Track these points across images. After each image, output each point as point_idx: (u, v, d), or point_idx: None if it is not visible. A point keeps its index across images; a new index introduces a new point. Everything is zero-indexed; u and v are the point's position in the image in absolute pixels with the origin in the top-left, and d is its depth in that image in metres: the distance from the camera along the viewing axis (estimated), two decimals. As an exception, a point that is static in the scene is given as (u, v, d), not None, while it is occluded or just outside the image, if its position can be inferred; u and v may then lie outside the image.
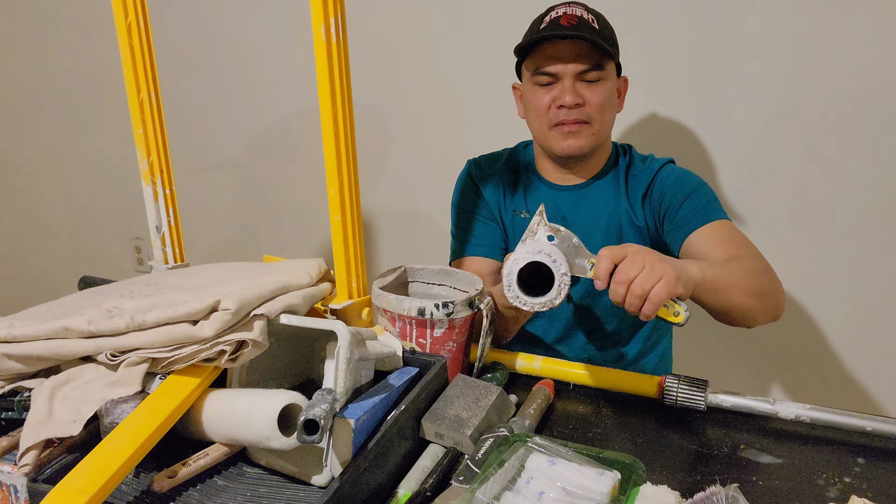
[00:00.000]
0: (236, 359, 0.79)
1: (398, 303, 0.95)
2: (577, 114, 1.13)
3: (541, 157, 1.25)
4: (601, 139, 1.18)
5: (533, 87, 1.16)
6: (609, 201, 1.21)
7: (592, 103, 1.13)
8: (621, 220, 1.20)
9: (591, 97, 1.13)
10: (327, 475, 0.72)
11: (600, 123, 1.15)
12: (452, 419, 0.84)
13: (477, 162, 1.32)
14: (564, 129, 1.14)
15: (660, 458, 0.84)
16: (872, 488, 0.78)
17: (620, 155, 1.24)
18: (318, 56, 0.88)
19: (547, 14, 1.15)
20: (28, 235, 2.52)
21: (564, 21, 1.11)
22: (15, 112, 2.36)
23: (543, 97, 1.14)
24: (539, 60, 1.14)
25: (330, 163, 0.92)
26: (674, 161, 1.23)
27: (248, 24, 1.93)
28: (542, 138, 1.19)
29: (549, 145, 1.18)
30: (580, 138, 1.15)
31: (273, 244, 2.15)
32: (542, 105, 1.15)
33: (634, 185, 1.21)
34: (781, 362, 1.65)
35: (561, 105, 1.12)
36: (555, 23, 1.12)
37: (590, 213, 1.21)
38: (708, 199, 1.14)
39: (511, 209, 1.26)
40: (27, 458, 0.72)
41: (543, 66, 1.13)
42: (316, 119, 0.91)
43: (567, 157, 1.18)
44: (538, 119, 1.17)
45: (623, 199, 1.20)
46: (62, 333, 0.80)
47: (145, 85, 1.09)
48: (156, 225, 1.14)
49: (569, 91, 1.12)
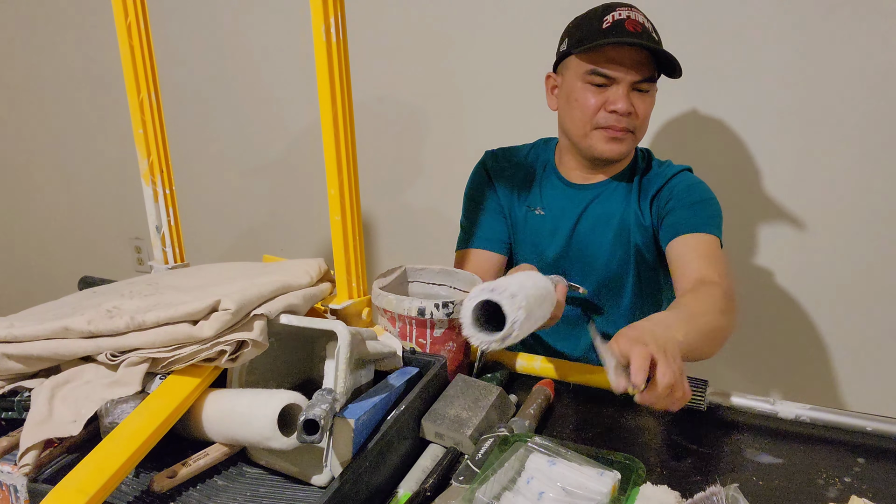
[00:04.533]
0: (236, 359, 0.79)
1: (398, 303, 0.95)
2: (626, 122, 1.12)
3: (566, 153, 1.23)
4: (636, 146, 1.19)
5: (583, 85, 1.13)
6: (621, 202, 1.21)
7: (641, 114, 1.13)
8: (630, 221, 1.20)
9: (640, 107, 1.12)
10: (327, 475, 0.72)
11: (641, 133, 1.16)
12: (452, 419, 0.84)
13: (494, 154, 1.31)
14: (610, 133, 1.13)
15: (660, 458, 0.84)
16: (872, 488, 0.78)
17: (640, 159, 1.24)
18: (318, 56, 0.88)
19: (607, 12, 1.11)
20: (28, 235, 2.52)
21: (630, 26, 1.08)
22: (15, 112, 2.36)
23: (593, 98, 1.12)
24: (599, 60, 1.10)
25: (330, 163, 0.92)
26: (691, 170, 1.22)
27: (249, 23, 1.93)
28: (580, 136, 1.16)
29: (587, 144, 1.16)
30: (623, 144, 1.14)
31: (273, 244, 2.14)
32: (590, 105, 1.12)
33: (646, 188, 1.20)
34: (781, 362, 1.65)
35: (613, 110, 1.11)
36: (619, 25, 1.08)
37: (603, 212, 1.21)
38: (709, 213, 1.14)
39: (525, 205, 1.26)
40: (27, 458, 0.72)
41: (603, 68, 1.10)
42: (316, 119, 0.91)
43: (603, 160, 1.18)
44: (581, 117, 1.14)
45: (634, 200, 1.20)
46: (62, 333, 0.80)
47: (145, 85, 1.09)
48: (156, 225, 1.14)
49: (623, 98, 1.10)
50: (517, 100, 1.71)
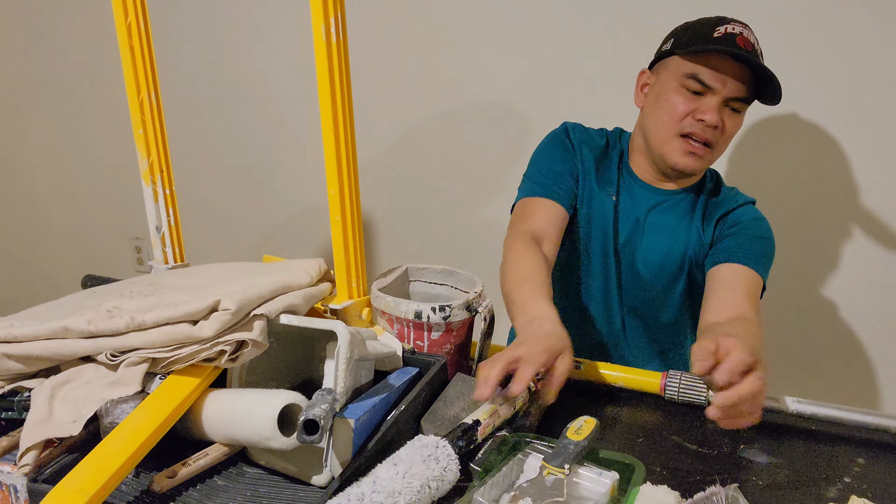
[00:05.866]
0: (236, 359, 0.79)
1: (395, 305, 0.95)
2: (711, 134, 1.09)
3: (639, 153, 1.21)
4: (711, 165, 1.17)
5: (677, 88, 1.10)
6: (685, 217, 1.19)
7: (727, 131, 1.10)
8: (692, 238, 1.18)
9: (728, 124, 1.10)
10: (327, 475, 0.72)
11: (720, 151, 1.13)
12: (452, 420, 0.84)
13: (576, 126, 1.26)
14: (690, 147, 1.11)
15: (660, 458, 0.84)
16: (872, 488, 0.78)
17: (708, 179, 1.22)
18: (318, 56, 0.88)
19: (721, 24, 1.08)
20: (28, 235, 2.52)
21: (741, 42, 1.06)
22: (15, 112, 2.36)
23: (684, 103, 1.10)
24: (701, 67, 1.07)
25: (330, 163, 0.92)
26: (755, 203, 1.21)
27: (249, 23, 1.93)
28: (661, 141, 1.13)
29: (664, 151, 1.13)
30: (699, 161, 1.12)
31: (273, 244, 2.14)
32: (679, 110, 1.10)
33: (712, 210, 1.19)
34: (782, 360, 1.65)
35: (701, 119, 1.08)
36: (730, 38, 1.06)
37: (665, 222, 1.19)
38: (766, 253, 1.12)
39: (604, 186, 1.21)
40: (27, 458, 0.72)
41: (704, 75, 1.07)
42: (316, 119, 0.91)
43: (675, 171, 1.15)
44: (667, 121, 1.12)
45: (698, 218, 1.19)
46: (62, 333, 0.80)
47: (145, 85, 1.09)
48: (156, 225, 1.14)
49: (715, 110, 1.07)
50: (517, 100, 1.71)
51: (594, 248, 1.22)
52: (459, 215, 1.85)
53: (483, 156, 1.78)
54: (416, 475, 0.69)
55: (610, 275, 1.22)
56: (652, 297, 1.22)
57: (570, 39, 1.62)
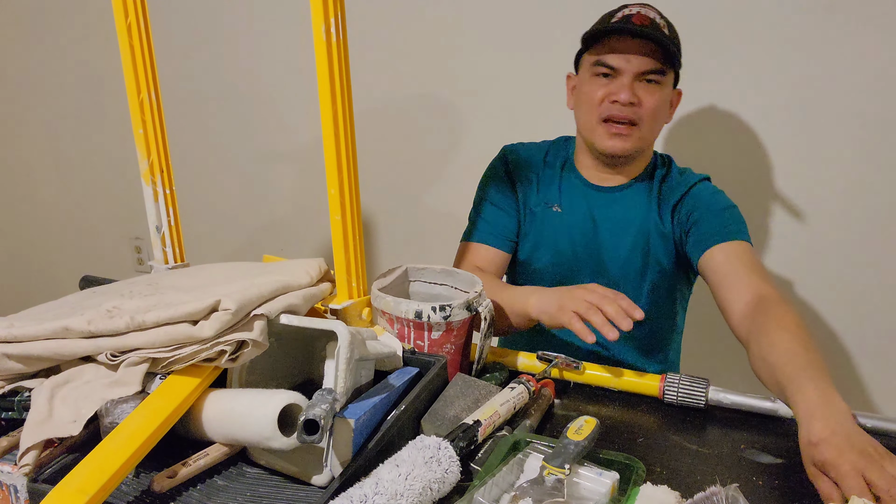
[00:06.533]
0: (236, 359, 0.79)
1: (395, 305, 0.95)
2: (629, 112, 1.12)
3: (582, 152, 1.24)
4: (645, 144, 1.18)
5: (590, 78, 1.15)
6: (641, 207, 1.21)
7: (646, 105, 1.12)
8: (650, 228, 1.20)
9: (646, 99, 1.12)
10: (327, 475, 0.72)
11: (648, 128, 1.15)
12: (452, 420, 0.84)
13: (514, 148, 1.31)
14: (612, 129, 1.14)
15: (660, 458, 0.84)
16: (872, 488, 0.78)
17: (659, 165, 1.24)
18: (318, 56, 0.88)
19: (620, 10, 1.14)
20: (28, 235, 2.52)
21: (637, 20, 1.10)
22: (15, 112, 2.36)
23: (598, 90, 1.14)
24: (602, 52, 1.13)
25: (330, 163, 0.92)
26: (710, 179, 1.22)
27: (249, 23, 1.93)
28: (589, 131, 1.18)
29: (593, 139, 1.17)
30: (626, 141, 1.14)
31: (273, 244, 2.15)
32: (595, 97, 1.14)
33: (667, 195, 1.20)
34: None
35: (615, 101, 1.12)
36: (626, 19, 1.11)
37: (622, 217, 1.21)
38: (736, 220, 1.14)
39: (543, 201, 1.26)
40: (27, 458, 0.72)
41: (606, 58, 1.12)
42: (316, 119, 0.91)
43: (609, 156, 1.18)
44: (588, 111, 1.16)
45: (654, 207, 1.20)
46: (62, 333, 0.80)
47: (145, 85, 1.09)
48: (156, 225, 1.14)
49: (626, 88, 1.11)
50: (518, 100, 1.71)
51: (557, 262, 1.25)
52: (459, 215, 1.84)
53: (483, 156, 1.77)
54: (418, 477, 0.69)
55: (578, 281, 1.24)
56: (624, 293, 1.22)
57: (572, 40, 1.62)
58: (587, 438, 0.74)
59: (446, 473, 0.72)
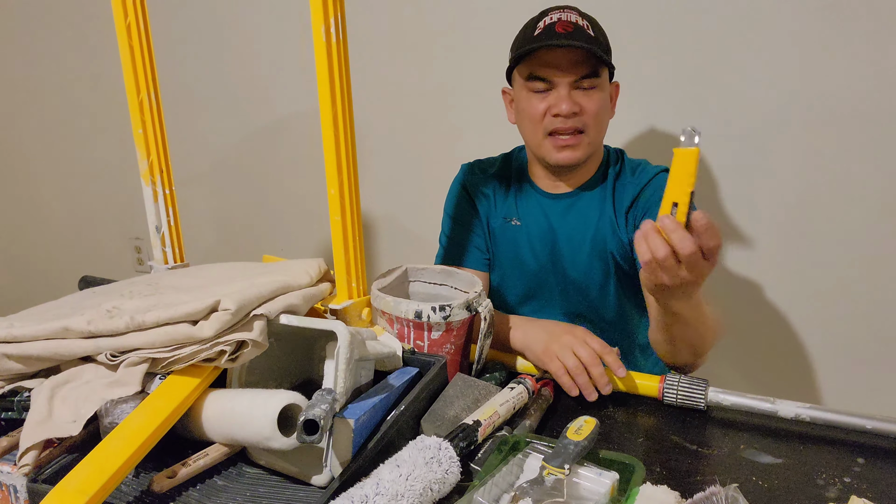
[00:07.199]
0: (236, 359, 0.79)
1: (395, 305, 0.95)
2: (574, 122, 1.11)
3: (533, 163, 1.24)
4: (595, 147, 1.17)
5: (527, 94, 1.13)
6: (595, 211, 1.20)
7: (588, 111, 1.11)
8: (606, 232, 1.19)
9: (587, 105, 1.11)
10: (327, 475, 0.72)
11: (595, 132, 1.14)
12: (452, 420, 0.84)
13: (471, 167, 1.32)
14: (560, 141, 1.12)
15: (660, 458, 0.84)
16: (872, 488, 0.78)
17: (612, 163, 1.22)
18: (318, 56, 0.88)
19: (541, 19, 1.13)
20: (28, 235, 2.52)
21: (560, 28, 1.08)
22: (15, 112, 2.36)
23: (538, 105, 1.12)
24: (534, 66, 1.11)
25: (330, 163, 0.92)
26: (668, 171, 1.21)
27: (248, 23, 1.93)
28: (536, 146, 1.17)
29: (542, 154, 1.16)
30: (576, 150, 1.13)
31: (273, 244, 2.14)
32: (536, 112, 1.12)
33: (621, 195, 1.19)
34: (782, 362, 1.65)
35: (557, 114, 1.10)
36: (550, 29, 1.09)
37: (578, 223, 1.20)
38: None
39: (502, 216, 1.26)
40: (27, 458, 0.72)
41: (538, 72, 1.11)
42: (316, 119, 0.91)
43: (560, 167, 1.17)
44: (532, 127, 1.15)
45: (609, 208, 1.19)
46: (62, 334, 0.80)
47: (145, 85, 1.09)
48: (156, 225, 1.14)
49: (565, 99, 1.09)
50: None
51: (523, 276, 1.25)
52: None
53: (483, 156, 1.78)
54: (419, 478, 0.69)
55: (546, 290, 1.24)
56: (592, 298, 1.23)
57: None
58: (587, 438, 0.74)
59: (447, 474, 0.72)
